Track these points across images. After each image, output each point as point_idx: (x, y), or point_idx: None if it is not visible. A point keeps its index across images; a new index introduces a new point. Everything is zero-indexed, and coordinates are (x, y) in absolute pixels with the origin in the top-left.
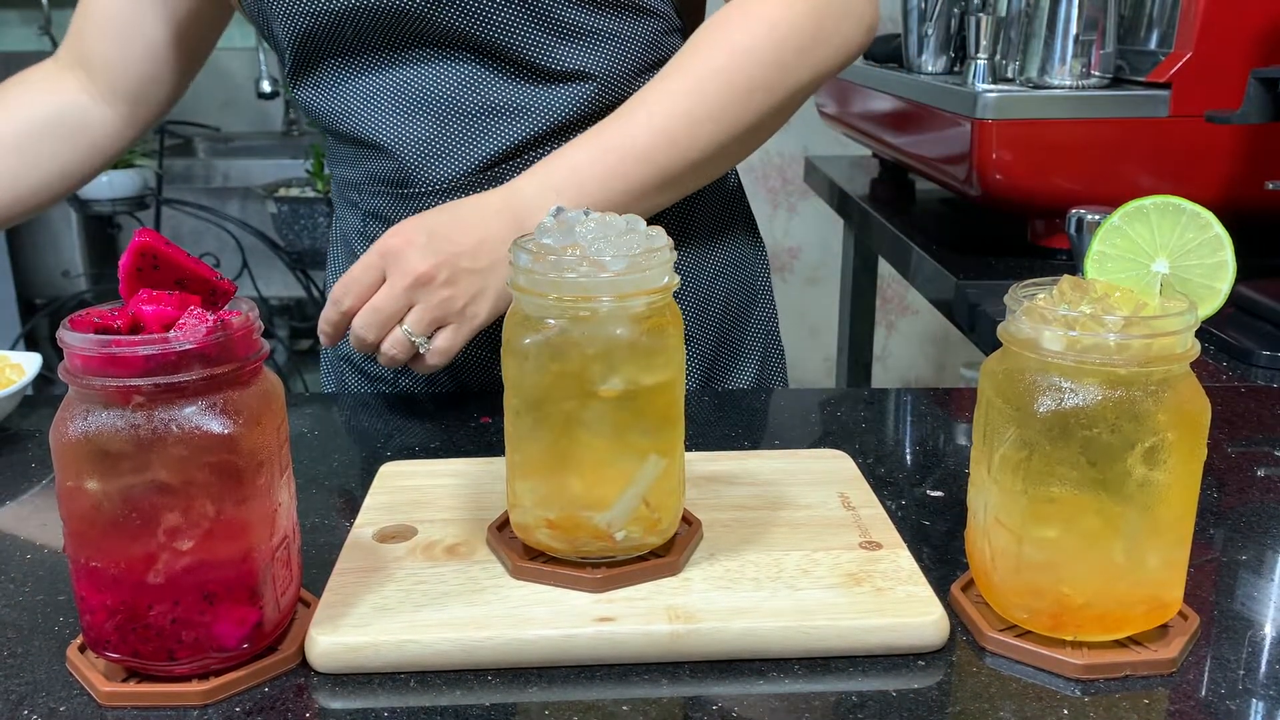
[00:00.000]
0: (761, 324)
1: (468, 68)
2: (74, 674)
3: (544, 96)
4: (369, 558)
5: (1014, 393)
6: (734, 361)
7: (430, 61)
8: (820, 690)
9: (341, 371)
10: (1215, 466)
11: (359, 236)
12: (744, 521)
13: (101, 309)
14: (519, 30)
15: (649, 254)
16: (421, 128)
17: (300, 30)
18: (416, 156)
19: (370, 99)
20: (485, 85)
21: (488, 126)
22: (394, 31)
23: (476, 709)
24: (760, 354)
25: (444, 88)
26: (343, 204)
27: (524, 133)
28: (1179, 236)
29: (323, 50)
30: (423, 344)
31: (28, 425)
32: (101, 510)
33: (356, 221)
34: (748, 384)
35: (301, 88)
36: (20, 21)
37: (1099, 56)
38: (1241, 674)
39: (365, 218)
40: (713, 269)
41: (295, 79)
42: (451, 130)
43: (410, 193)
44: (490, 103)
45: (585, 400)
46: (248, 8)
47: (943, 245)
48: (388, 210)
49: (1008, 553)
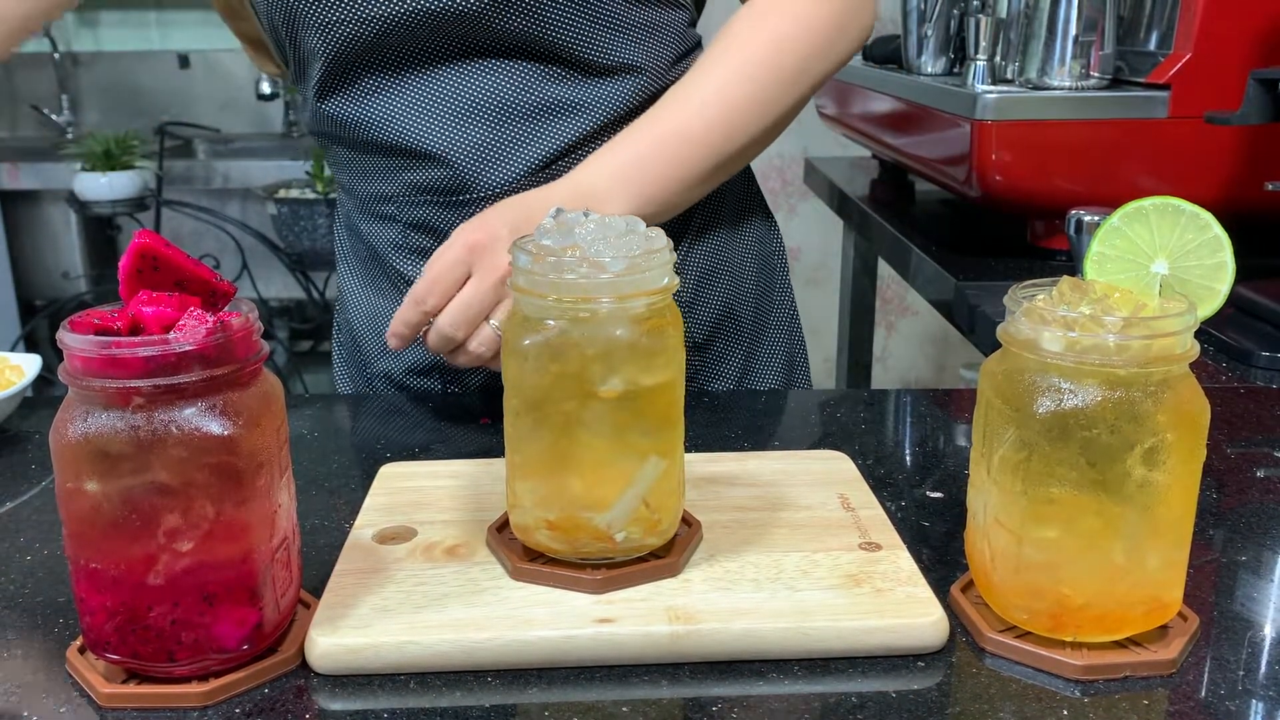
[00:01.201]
0: (784, 298)
1: (521, 69)
2: (74, 675)
3: (596, 91)
4: (369, 559)
5: (1013, 393)
6: (763, 334)
7: (481, 65)
8: (820, 691)
9: (374, 385)
10: (1215, 467)
11: (396, 249)
12: (744, 522)
13: (101, 310)
14: (573, 27)
15: (648, 255)
16: (476, 133)
17: (341, 39)
18: (472, 162)
19: (418, 107)
20: (539, 85)
21: (542, 126)
22: (445, 36)
23: (476, 710)
24: (786, 329)
25: (498, 91)
26: (369, 219)
27: (578, 130)
28: (1178, 237)
29: (362, 60)
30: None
31: (28, 426)
32: (101, 511)
33: (393, 235)
34: (779, 360)
35: (332, 100)
36: None
37: (1098, 57)
38: (1241, 674)
39: (406, 230)
40: (741, 247)
41: (325, 91)
42: (507, 133)
43: (464, 199)
44: (544, 102)
45: (585, 401)
46: (267, 17)
47: (942, 246)
48: (435, 220)
49: (1007, 554)
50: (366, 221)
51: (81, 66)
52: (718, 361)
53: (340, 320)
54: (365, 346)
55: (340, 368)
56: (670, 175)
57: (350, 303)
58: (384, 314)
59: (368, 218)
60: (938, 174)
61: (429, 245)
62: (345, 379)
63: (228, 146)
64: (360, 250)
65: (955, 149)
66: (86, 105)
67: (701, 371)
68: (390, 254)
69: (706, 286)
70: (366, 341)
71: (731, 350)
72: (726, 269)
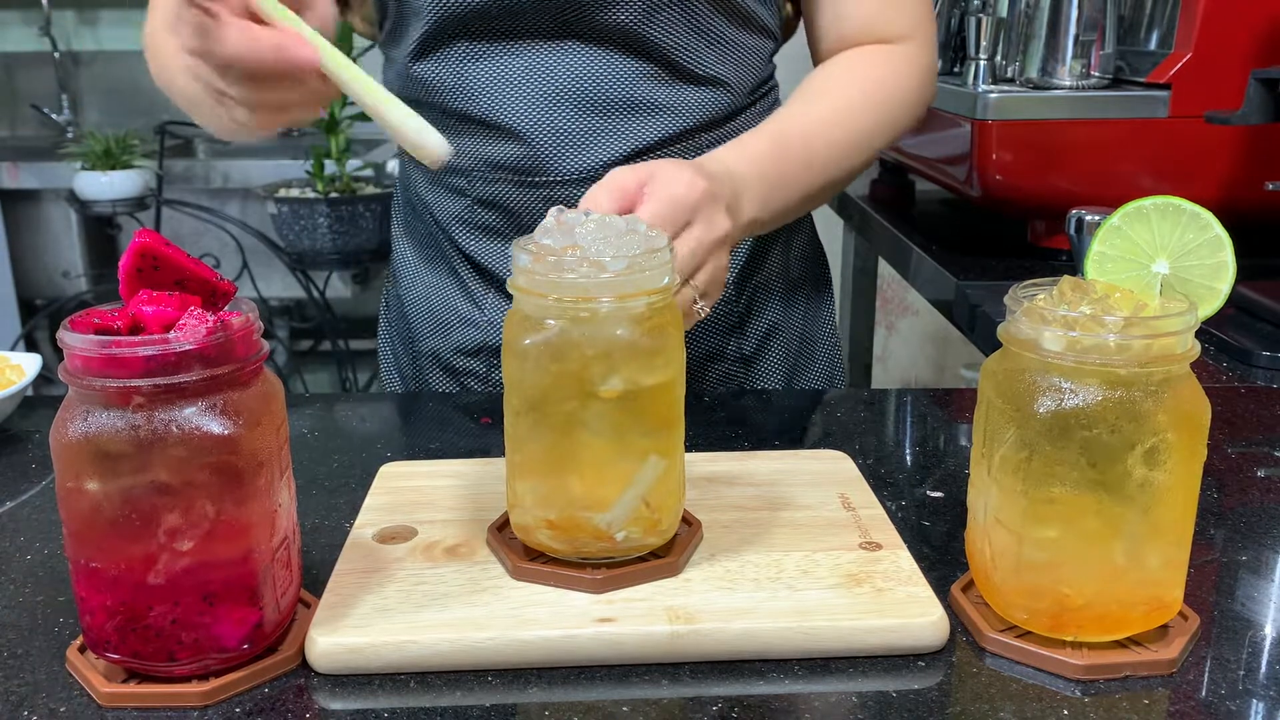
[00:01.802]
0: (829, 313)
1: (616, 62)
2: (74, 675)
3: (683, 97)
4: (369, 558)
5: (1014, 393)
6: (809, 348)
7: (579, 52)
8: (820, 690)
9: (420, 364)
10: (1215, 467)
11: (460, 223)
12: (744, 522)
13: (102, 310)
14: (675, 31)
15: (649, 255)
16: (562, 117)
17: (451, 2)
18: (552, 146)
19: (510, 82)
20: (630, 81)
21: (627, 121)
22: (550, 18)
23: (476, 709)
24: (829, 343)
25: (590, 80)
26: (437, 189)
27: (659, 131)
28: (1179, 237)
29: (465, 28)
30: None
31: (28, 426)
32: (101, 511)
33: (458, 208)
34: (820, 373)
35: (425, 62)
36: (20, 21)
37: (1099, 57)
38: (1241, 674)
39: (473, 204)
40: (794, 265)
41: (421, 52)
42: (592, 123)
43: (536, 181)
44: (632, 98)
45: (585, 401)
46: None
47: (943, 246)
48: (505, 198)
49: (1008, 553)
50: (433, 192)
51: (82, 66)
52: (766, 374)
53: (390, 298)
54: (415, 325)
55: (386, 348)
56: (792, 183)
57: (404, 277)
58: (437, 291)
59: (435, 188)
60: (938, 174)
61: (493, 222)
62: (390, 361)
63: (228, 146)
64: (418, 227)
65: (956, 148)
66: (87, 104)
67: (747, 384)
68: (453, 227)
69: (760, 302)
70: (417, 319)
71: (778, 364)
72: (780, 285)
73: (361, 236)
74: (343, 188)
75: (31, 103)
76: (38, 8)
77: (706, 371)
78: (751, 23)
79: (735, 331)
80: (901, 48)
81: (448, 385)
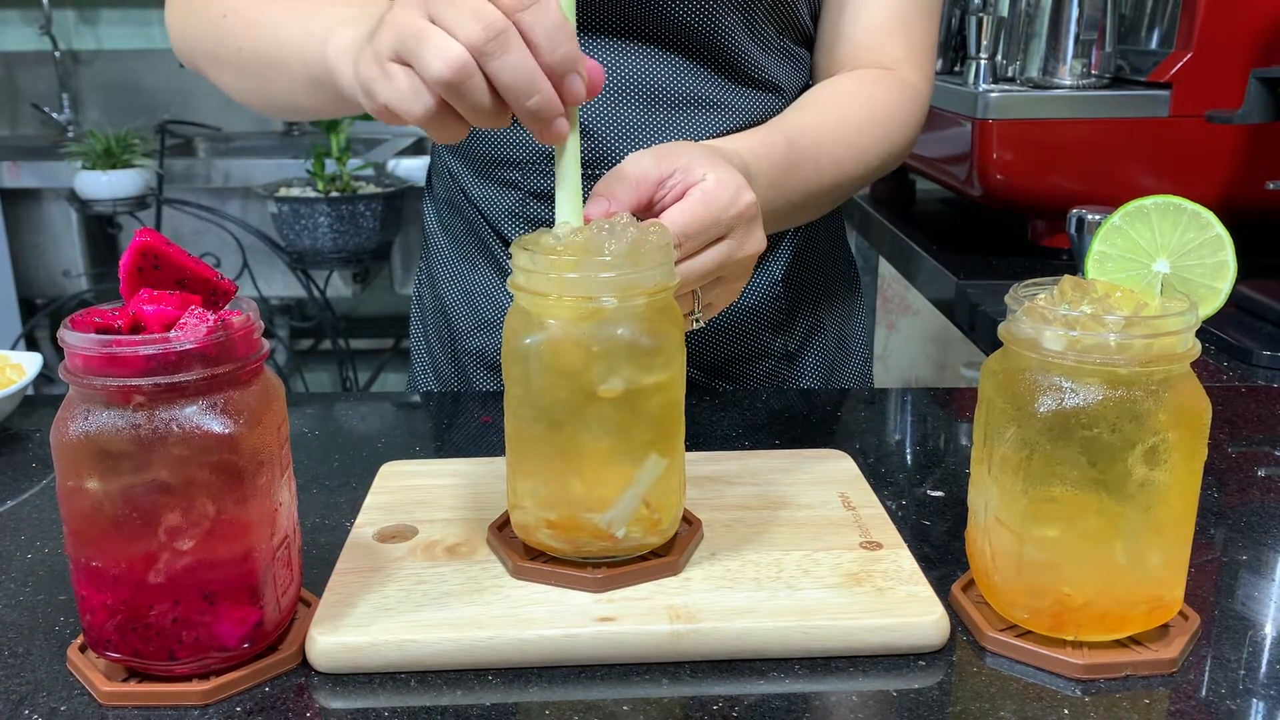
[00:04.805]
0: (863, 312)
1: (678, 61)
2: (74, 674)
3: (740, 98)
4: (369, 558)
5: (1015, 392)
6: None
7: (643, 49)
8: (820, 690)
9: (463, 364)
10: (1215, 466)
11: (511, 217)
12: (744, 521)
13: (102, 309)
14: (736, 35)
15: (649, 253)
16: (627, 111)
17: None
18: (616, 139)
19: None
20: (691, 79)
21: (689, 117)
22: (617, 13)
23: (477, 709)
24: (863, 342)
25: (654, 76)
26: (486, 183)
27: (716, 128)
28: (1179, 236)
29: None
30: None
31: (28, 425)
32: (102, 510)
33: (509, 202)
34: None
35: None
36: (20, 21)
37: (1099, 56)
38: (1242, 674)
39: (526, 197)
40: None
41: None
42: (655, 117)
43: (598, 174)
44: (693, 95)
45: (586, 400)
46: None
47: (943, 245)
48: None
49: (1008, 552)
50: (481, 186)
51: (82, 65)
52: (807, 373)
53: (425, 304)
54: (457, 325)
55: (421, 349)
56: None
57: (442, 278)
58: (478, 289)
59: (484, 182)
60: (939, 173)
61: (546, 216)
62: (426, 362)
63: (228, 145)
64: (456, 225)
65: (957, 148)
66: (87, 103)
67: (789, 382)
68: (502, 221)
69: (804, 301)
70: (459, 319)
71: (819, 363)
72: (820, 284)
73: (362, 236)
74: (343, 187)
75: (32, 102)
76: (38, 7)
77: (752, 369)
78: (804, 39)
79: (782, 329)
80: (902, 75)
81: (492, 384)
